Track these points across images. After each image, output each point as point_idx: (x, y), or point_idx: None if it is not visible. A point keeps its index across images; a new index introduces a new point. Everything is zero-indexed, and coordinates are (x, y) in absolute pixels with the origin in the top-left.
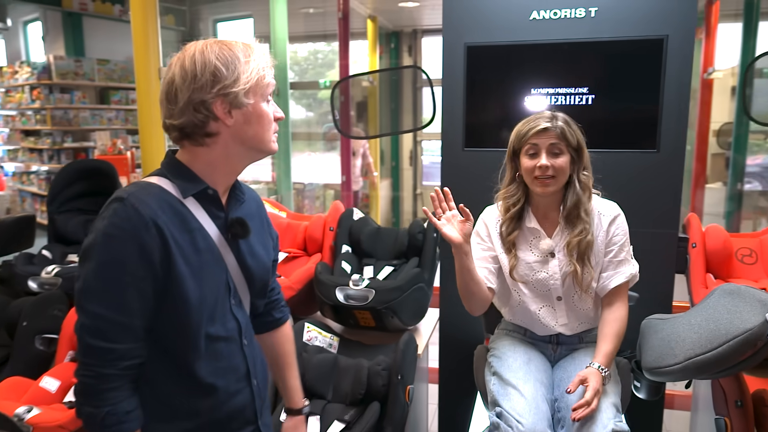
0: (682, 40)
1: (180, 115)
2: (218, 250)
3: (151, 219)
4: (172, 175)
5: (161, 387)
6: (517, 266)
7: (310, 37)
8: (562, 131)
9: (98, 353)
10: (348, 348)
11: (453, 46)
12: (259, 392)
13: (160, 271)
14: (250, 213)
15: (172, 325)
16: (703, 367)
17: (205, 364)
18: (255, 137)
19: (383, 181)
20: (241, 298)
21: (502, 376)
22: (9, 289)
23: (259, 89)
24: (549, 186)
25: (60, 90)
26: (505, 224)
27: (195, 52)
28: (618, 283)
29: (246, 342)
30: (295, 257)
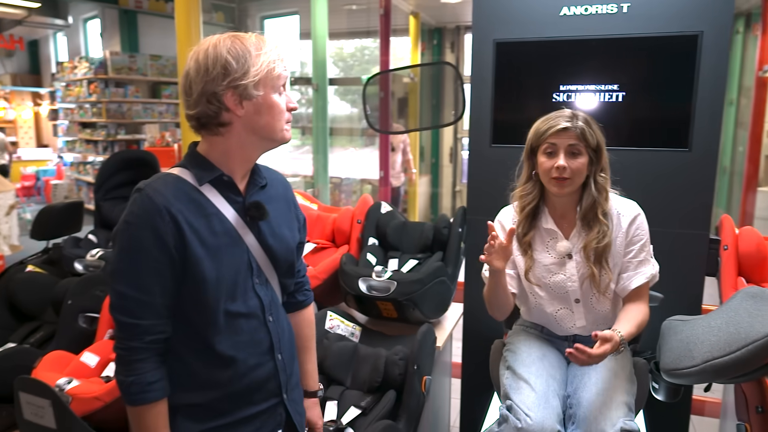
0: (718, 36)
1: (195, 106)
2: (236, 232)
3: (164, 207)
4: (190, 165)
5: (186, 359)
6: (533, 268)
7: (353, 33)
8: (582, 132)
9: (126, 328)
10: (369, 338)
11: (482, 43)
12: (284, 367)
13: (176, 254)
14: (275, 195)
15: (192, 303)
16: (721, 371)
17: (225, 338)
18: (266, 127)
19: (422, 178)
20: (267, 277)
21: (515, 371)
22: (58, 270)
23: (269, 81)
24: (565, 187)
25: (115, 84)
26: (521, 225)
27: (209, 46)
28: (639, 284)
29: (271, 319)
30: (324, 248)
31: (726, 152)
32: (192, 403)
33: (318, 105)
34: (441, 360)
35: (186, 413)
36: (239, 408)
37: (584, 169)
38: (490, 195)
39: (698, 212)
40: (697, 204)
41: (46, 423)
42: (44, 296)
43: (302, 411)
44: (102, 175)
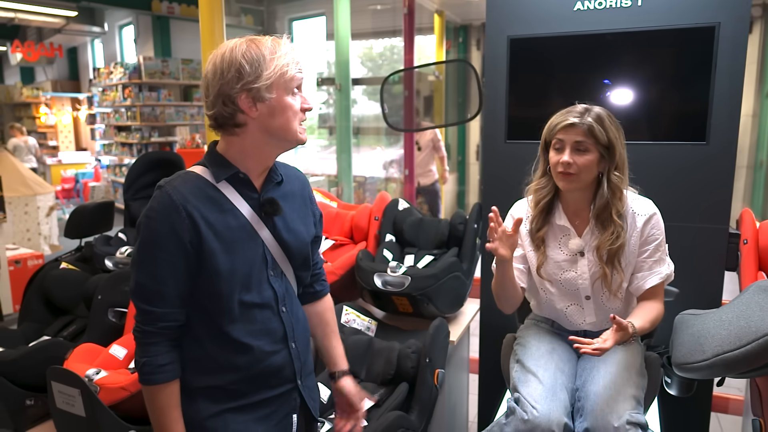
0: (736, 28)
1: (212, 107)
2: (252, 226)
3: (181, 204)
4: (209, 163)
5: (206, 344)
6: (545, 264)
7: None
8: (589, 128)
9: (141, 313)
10: (385, 332)
11: (496, 39)
12: (298, 355)
13: (191, 248)
14: (291, 192)
15: (208, 293)
16: (731, 365)
17: (240, 326)
18: (280, 128)
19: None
20: (283, 270)
21: (524, 364)
22: (90, 266)
23: (282, 84)
24: (570, 183)
25: (148, 88)
26: (535, 220)
27: (226, 50)
28: (653, 284)
29: (285, 309)
30: (342, 245)
31: (763, 146)
32: (211, 385)
33: (341, 105)
34: (458, 355)
35: (206, 394)
36: (256, 391)
37: (592, 166)
38: (505, 191)
39: (717, 206)
40: (716, 198)
41: (76, 411)
42: (77, 292)
43: (316, 396)
44: (131, 175)
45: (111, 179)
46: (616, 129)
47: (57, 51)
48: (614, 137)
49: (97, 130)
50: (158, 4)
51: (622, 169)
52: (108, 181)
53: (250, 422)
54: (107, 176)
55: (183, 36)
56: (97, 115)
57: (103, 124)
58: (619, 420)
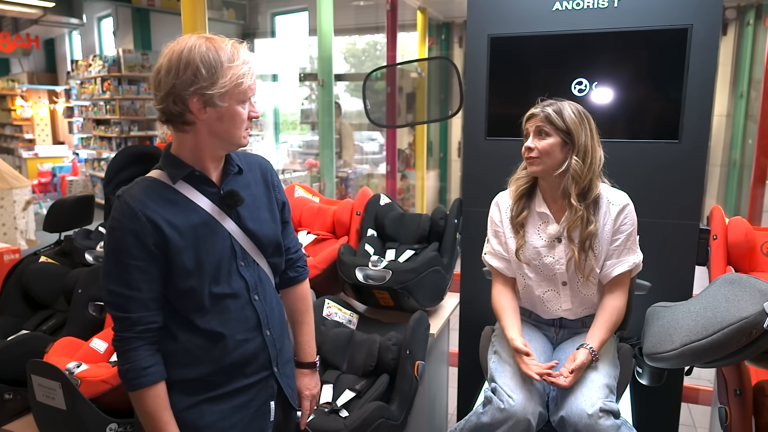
0: (708, 30)
1: (161, 102)
2: (214, 220)
3: (140, 210)
4: (165, 165)
5: (181, 338)
6: (524, 248)
7: (361, 29)
8: (546, 116)
9: (118, 321)
10: (366, 325)
11: (477, 38)
12: (273, 342)
13: (157, 251)
14: (254, 180)
15: (178, 289)
16: (698, 354)
17: (212, 316)
18: (225, 133)
19: (430, 172)
20: (255, 258)
21: (501, 355)
22: (69, 260)
23: (236, 94)
24: (534, 165)
25: (128, 82)
26: (515, 205)
27: (184, 48)
28: (621, 272)
29: (257, 297)
30: (324, 239)
31: (736, 145)
32: (186, 378)
33: (324, 101)
34: (438, 348)
35: (180, 388)
36: (231, 380)
37: (553, 150)
38: (486, 187)
39: (689, 203)
40: (687, 194)
41: (56, 404)
42: (56, 286)
43: (294, 385)
44: (111, 169)
45: (89, 173)
46: (580, 119)
47: (33, 42)
48: (573, 124)
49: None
50: None
51: (584, 157)
52: (86, 175)
53: (227, 411)
54: (85, 170)
55: (163, 29)
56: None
57: (82, 118)
58: (593, 407)
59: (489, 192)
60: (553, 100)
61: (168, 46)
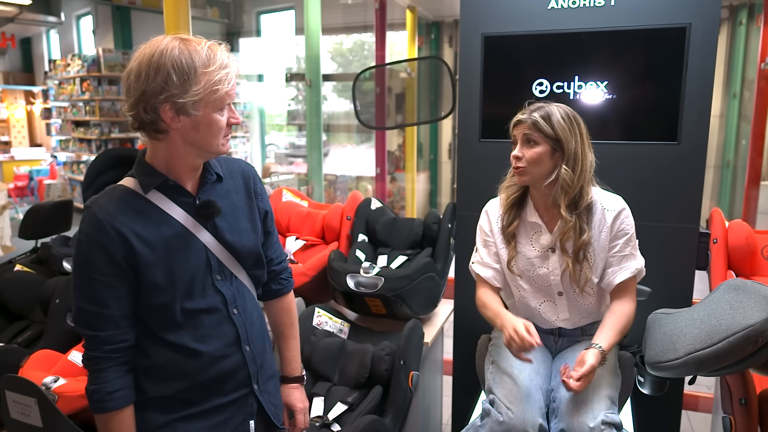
0: (706, 29)
1: (132, 108)
2: (189, 232)
3: (108, 222)
4: (137, 173)
5: (150, 354)
6: (517, 260)
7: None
8: (534, 122)
9: (87, 339)
10: (358, 334)
11: (470, 37)
12: (253, 358)
13: (126, 266)
14: (234, 188)
15: (148, 305)
16: (703, 363)
17: (186, 332)
18: (202, 142)
19: (420, 174)
20: (233, 271)
21: (499, 365)
22: (46, 269)
23: (211, 102)
24: (523, 175)
25: (108, 82)
26: (506, 215)
27: (156, 52)
28: (623, 279)
29: (236, 311)
30: (313, 245)
31: (729, 146)
32: (160, 395)
33: (311, 101)
34: (432, 357)
35: (155, 405)
36: (208, 398)
37: (542, 159)
38: (480, 190)
39: (688, 206)
40: (686, 197)
41: (32, 422)
42: (32, 295)
43: (277, 402)
44: (90, 173)
45: (68, 177)
46: (570, 124)
47: (9, 41)
48: (562, 131)
49: (53, 125)
50: None
51: (574, 164)
52: (65, 178)
53: (203, 430)
54: (64, 174)
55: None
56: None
57: (60, 119)
58: (594, 420)
59: (483, 196)
60: (541, 104)
61: (140, 48)
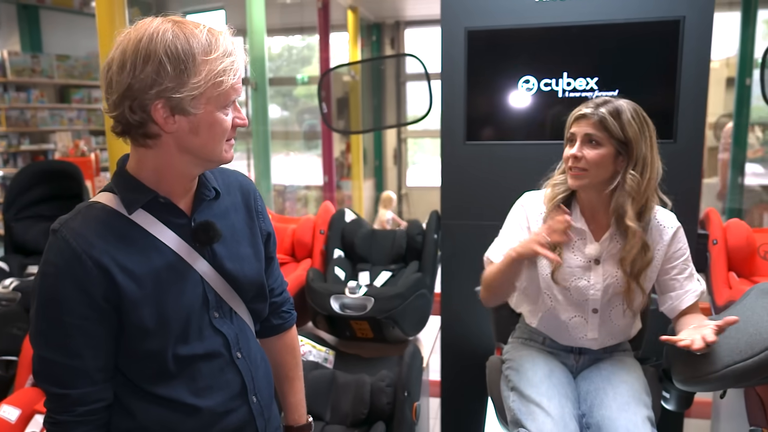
0: (701, 21)
1: (115, 108)
2: (183, 262)
3: (84, 252)
4: (118, 188)
5: (139, 413)
6: (560, 268)
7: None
8: (601, 120)
9: (53, 399)
10: (345, 362)
11: (452, 31)
12: (261, 411)
13: (106, 305)
14: (233, 206)
15: (133, 354)
16: (744, 375)
17: (182, 384)
18: (202, 148)
19: (366, 182)
20: (232, 307)
21: (522, 392)
22: None
23: (214, 97)
24: (579, 179)
25: (15, 88)
26: (552, 215)
27: (143, 36)
28: (690, 303)
29: (240, 355)
30: (282, 263)
31: None
32: None
33: (258, 105)
34: None
35: None
36: None
37: (605, 162)
38: (467, 196)
39: (685, 206)
40: (684, 197)
41: None
42: None
43: None
44: (12, 190)
45: None
46: (640, 125)
47: None
48: (633, 133)
49: None
50: None
51: (643, 170)
52: None
53: None
54: None
55: (56, 29)
56: None
57: None
58: None
59: (470, 202)
60: (607, 98)
61: (124, 33)
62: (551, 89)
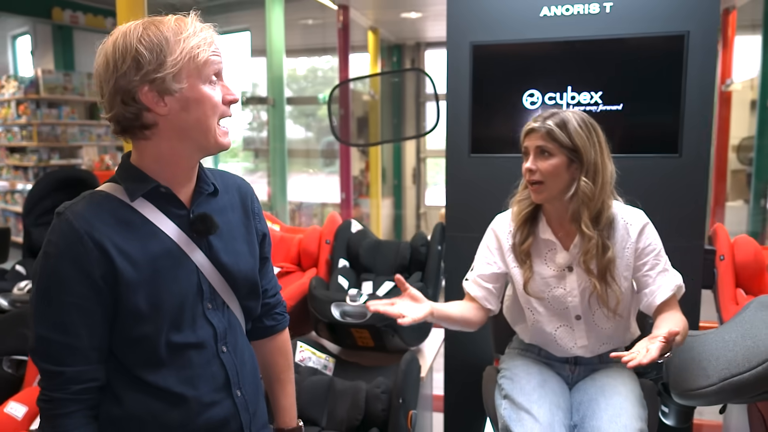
0: (705, 36)
1: (110, 108)
2: (181, 250)
3: (86, 232)
4: (121, 178)
5: (124, 400)
6: (532, 280)
7: (308, 50)
8: (548, 131)
9: (48, 376)
10: (345, 370)
11: (458, 46)
12: (245, 405)
13: (104, 285)
14: (230, 205)
15: (126, 338)
16: (741, 389)
17: (171, 373)
18: (196, 125)
19: (385, 200)
20: (225, 300)
21: (514, 400)
22: None
23: (194, 70)
24: (539, 192)
25: (48, 105)
26: (519, 232)
27: (118, 36)
28: (665, 298)
29: (225, 349)
30: (289, 272)
31: None
32: None
33: (275, 123)
34: (423, 393)
35: None
36: None
37: (558, 171)
38: (471, 209)
39: (691, 221)
40: (689, 212)
41: None
42: None
43: None
44: (32, 197)
45: (1, 207)
46: (588, 132)
47: None
48: (580, 138)
49: None
50: (60, 13)
51: (594, 176)
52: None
53: None
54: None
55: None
56: None
57: None
58: None
59: (474, 215)
60: (554, 110)
61: (101, 43)
62: (555, 103)
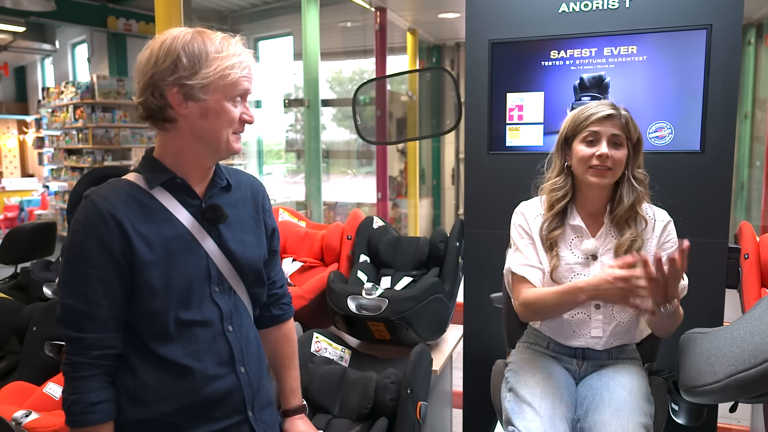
0: (729, 30)
1: (141, 95)
2: (192, 236)
3: (108, 212)
4: (143, 168)
5: (137, 370)
6: (559, 267)
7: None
8: (626, 122)
9: (71, 342)
10: (360, 362)
11: (476, 43)
12: (249, 381)
13: (123, 261)
14: (241, 199)
15: (140, 311)
16: (747, 386)
17: (178, 346)
18: (210, 132)
19: (423, 200)
20: (232, 285)
21: (517, 393)
22: (25, 295)
23: (222, 87)
24: (605, 177)
25: (102, 109)
26: (548, 221)
27: (168, 38)
28: None
29: (231, 328)
30: (312, 267)
31: (742, 167)
32: (142, 419)
33: (310, 124)
34: (440, 388)
35: (137, 430)
36: (196, 423)
37: (624, 162)
38: (489, 205)
39: (715, 219)
40: (713, 210)
41: None
42: (7, 323)
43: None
44: (75, 194)
45: (59, 207)
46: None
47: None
48: (639, 135)
49: (45, 154)
50: (114, 21)
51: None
52: (56, 208)
53: None
54: (55, 203)
55: None
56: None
57: (52, 148)
58: None
59: (493, 211)
60: (612, 103)
61: (153, 39)
62: (575, 100)
